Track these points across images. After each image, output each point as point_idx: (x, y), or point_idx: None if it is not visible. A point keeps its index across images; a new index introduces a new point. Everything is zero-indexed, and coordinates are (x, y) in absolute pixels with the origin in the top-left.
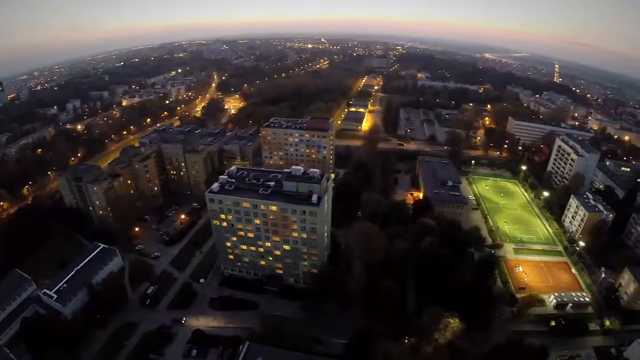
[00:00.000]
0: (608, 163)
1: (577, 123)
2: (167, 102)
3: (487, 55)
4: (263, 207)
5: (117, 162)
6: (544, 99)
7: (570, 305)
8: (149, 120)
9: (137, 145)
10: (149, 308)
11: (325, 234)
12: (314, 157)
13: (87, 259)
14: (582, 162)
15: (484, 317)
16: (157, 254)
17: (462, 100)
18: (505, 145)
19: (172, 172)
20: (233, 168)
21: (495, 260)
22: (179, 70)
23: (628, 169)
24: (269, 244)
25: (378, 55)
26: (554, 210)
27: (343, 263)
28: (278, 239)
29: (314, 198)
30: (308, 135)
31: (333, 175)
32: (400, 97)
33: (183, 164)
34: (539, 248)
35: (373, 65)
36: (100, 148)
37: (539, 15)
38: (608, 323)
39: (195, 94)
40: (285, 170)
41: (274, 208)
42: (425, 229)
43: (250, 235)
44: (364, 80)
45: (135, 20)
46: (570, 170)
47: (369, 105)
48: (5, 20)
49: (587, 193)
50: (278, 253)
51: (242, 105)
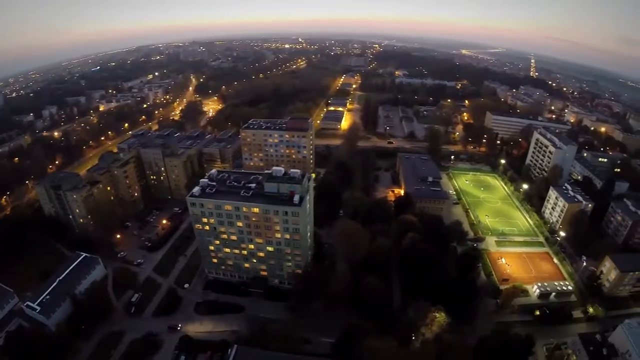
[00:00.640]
0: (585, 154)
1: (554, 116)
2: (144, 106)
3: (463, 52)
4: (245, 209)
5: (95, 168)
6: (521, 93)
7: (554, 295)
8: (127, 125)
9: (115, 151)
10: (135, 316)
11: (308, 234)
12: (294, 157)
13: (69, 269)
14: (560, 154)
15: (469, 309)
16: (140, 261)
17: (440, 97)
18: (484, 140)
19: (152, 177)
20: (213, 171)
21: (478, 254)
22: (156, 74)
23: (605, 160)
24: (253, 246)
25: (355, 54)
26: (534, 202)
27: (327, 262)
28: (261, 241)
29: (296, 198)
30: (288, 136)
31: (314, 175)
32: (379, 95)
33: (163, 169)
34: (521, 240)
35: (351, 64)
36: (78, 155)
37: (515, 12)
38: (592, 310)
39: (173, 97)
40: (266, 172)
41: (256, 210)
42: (408, 225)
43: (233, 238)
44: (342, 79)
45: (111, 23)
46: (549, 163)
47: (348, 104)
48: None
49: (565, 184)
50: (262, 255)
51: (220, 107)
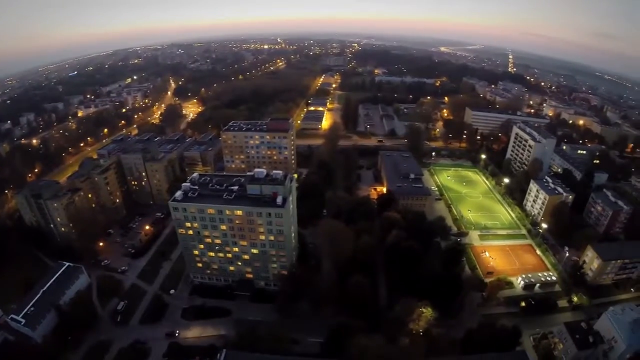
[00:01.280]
0: (565, 147)
1: (532, 110)
2: (123, 110)
3: (442, 49)
4: (228, 212)
5: (76, 175)
6: (500, 89)
7: (538, 285)
8: (106, 131)
9: (95, 157)
10: (121, 324)
11: (293, 235)
12: (276, 158)
13: (52, 279)
14: (539, 147)
15: (456, 303)
16: (124, 268)
17: (419, 94)
18: (464, 136)
19: (133, 182)
20: (195, 175)
21: (462, 248)
22: (135, 77)
23: (584, 152)
24: (237, 249)
25: (334, 53)
26: (515, 196)
27: (312, 262)
28: (245, 244)
29: (279, 200)
30: (269, 137)
31: (296, 176)
32: (359, 93)
33: (144, 174)
34: (504, 233)
35: (330, 64)
36: (58, 162)
37: (493, 9)
38: (576, 299)
39: (152, 101)
40: (248, 174)
41: (240, 212)
42: (391, 223)
43: (218, 242)
44: (322, 79)
45: (86, 27)
46: (529, 156)
47: (328, 104)
48: None
49: (546, 177)
50: (247, 257)
51: (200, 110)
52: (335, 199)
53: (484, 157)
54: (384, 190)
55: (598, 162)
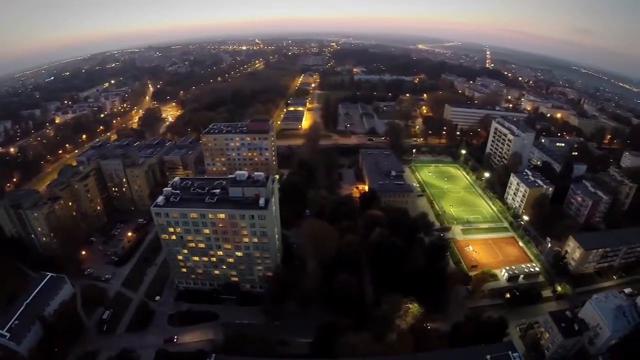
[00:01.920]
0: (543, 140)
1: (511, 105)
2: (101, 115)
3: (420, 46)
4: (211, 215)
5: (55, 183)
6: (478, 85)
7: (522, 277)
8: (85, 137)
9: (74, 164)
10: (107, 334)
11: (276, 236)
12: (257, 159)
13: (36, 291)
14: (518, 141)
15: (441, 298)
16: (108, 276)
17: (398, 92)
18: (444, 132)
19: (113, 188)
20: (176, 179)
21: (445, 243)
22: (112, 82)
23: (563, 144)
24: (221, 253)
25: (313, 53)
26: (496, 189)
27: (297, 263)
28: (229, 247)
29: (261, 201)
30: (249, 139)
31: (278, 177)
32: (338, 92)
33: (124, 179)
34: (486, 226)
35: (309, 63)
36: (37, 170)
37: (471, 6)
38: (560, 288)
39: (131, 105)
40: (230, 176)
41: (222, 216)
42: (374, 220)
43: (201, 246)
44: (301, 79)
45: (62, 31)
46: (508, 150)
47: (307, 104)
48: None
49: (526, 170)
50: (231, 260)
51: (179, 113)
52: (318, 199)
53: (464, 152)
54: (366, 189)
55: (576, 154)
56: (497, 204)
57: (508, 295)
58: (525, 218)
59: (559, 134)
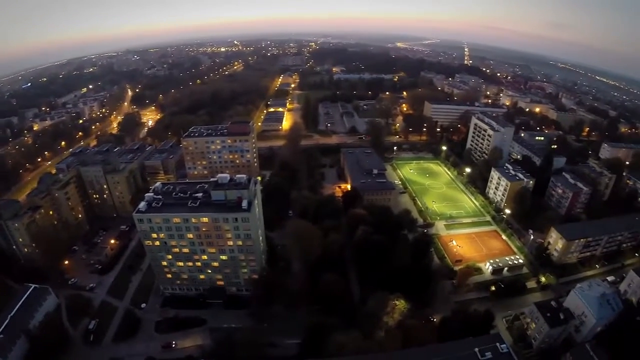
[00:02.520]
0: (523, 134)
1: (490, 101)
2: (80, 121)
3: (399, 45)
4: (194, 220)
5: (35, 192)
6: (457, 81)
7: (506, 269)
8: (64, 144)
9: (54, 172)
10: (94, 344)
11: (260, 238)
12: (239, 162)
13: (19, 303)
14: (498, 136)
15: (427, 293)
16: (92, 285)
17: (378, 90)
18: (424, 129)
19: (94, 195)
20: (158, 184)
21: (429, 239)
22: (90, 87)
23: (542, 138)
24: (206, 257)
25: (292, 53)
26: (478, 184)
27: (282, 264)
28: (214, 251)
29: (244, 204)
30: (230, 141)
31: (260, 178)
32: (318, 92)
33: (105, 186)
34: (469, 221)
35: (288, 64)
36: (16, 179)
37: (447, 4)
38: (544, 279)
39: (110, 110)
40: (212, 180)
41: (206, 219)
42: (358, 219)
43: (186, 251)
44: (280, 80)
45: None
46: (489, 145)
47: (288, 104)
48: None
49: (506, 164)
50: (216, 264)
51: (159, 117)
52: (301, 199)
53: (445, 148)
54: (349, 187)
55: (556, 147)
56: (479, 199)
57: (493, 288)
58: (507, 211)
59: (538, 128)
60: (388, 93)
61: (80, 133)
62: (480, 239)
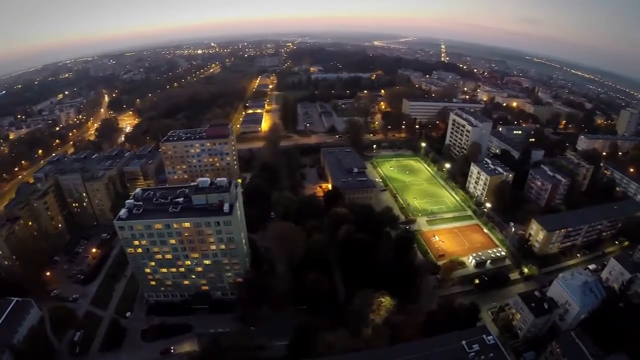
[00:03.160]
0: (501, 129)
1: (467, 97)
2: (57, 129)
3: (376, 43)
4: (176, 225)
5: (13, 203)
6: (434, 78)
7: (489, 262)
8: (41, 152)
9: (32, 182)
10: (80, 356)
11: (243, 241)
12: (218, 165)
13: (2, 318)
14: (476, 131)
15: (412, 289)
16: (75, 296)
17: (356, 89)
18: (403, 126)
19: (74, 204)
20: (138, 190)
21: (412, 235)
22: (66, 93)
23: (520, 132)
24: (189, 262)
25: (269, 54)
26: (458, 179)
27: (266, 266)
28: (197, 255)
29: (226, 207)
30: (209, 144)
31: (240, 181)
32: (296, 92)
33: (84, 194)
34: (450, 216)
35: (265, 65)
36: None
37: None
38: (527, 270)
39: (87, 116)
40: (192, 184)
41: (188, 224)
42: (340, 218)
43: (168, 257)
44: (258, 81)
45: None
46: (467, 141)
47: (266, 105)
48: None
49: (485, 159)
50: (200, 269)
51: (137, 122)
52: (282, 200)
53: (424, 145)
54: (330, 187)
55: (534, 140)
56: (459, 194)
57: (477, 281)
58: (488, 205)
59: (516, 122)
60: (366, 92)
61: (57, 140)
62: (462, 233)
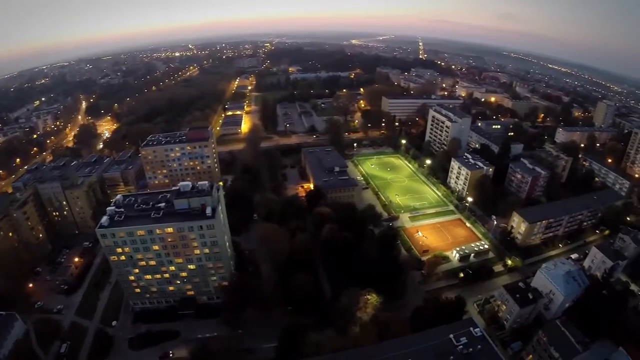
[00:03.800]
0: (480, 124)
1: (446, 93)
2: (34, 136)
3: (354, 42)
4: (159, 231)
5: None
6: (413, 76)
7: (473, 255)
8: (19, 161)
9: (10, 192)
10: None
11: (227, 244)
12: (199, 168)
13: None
14: (456, 127)
15: (398, 285)
16: (59, 307)
17: (335, 88)
18: (383, 124)
19: (54, 213)
20: (119, 196)
21: (395, 232)
22: (43, 99)
23: (499, 126)
24: (174, 268)
25: (248, 55)
26: (439, 175)
27: (251, 268)
28: (181, 261)
29: (208, 211)
30: (189, 148)
31: (222, 184)
32: (275, 93)
33: (65, 202)
34: (432, 211)
35: (244, 66)
36: None
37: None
38: (510, 262)
39: (64, 123)
40: (174, 188)
41: (170, 230)
42: (323, 217)
43: (152, 263)
44: (237, 82)
45: None
46: (447, 136)
47: (245, 107)
48: None
49: (465, 154)
50: (184, 275)
51: (115, 127)
52: (265, 202)
53: (404, 142)
54: (312, 187)
55: (513, 134)
56: (441, 189)
57: (462, 275)
58: (470, 199)
59: (495, 117)
60: (345, 90)
61: (35, 148)
62: (445, 228)
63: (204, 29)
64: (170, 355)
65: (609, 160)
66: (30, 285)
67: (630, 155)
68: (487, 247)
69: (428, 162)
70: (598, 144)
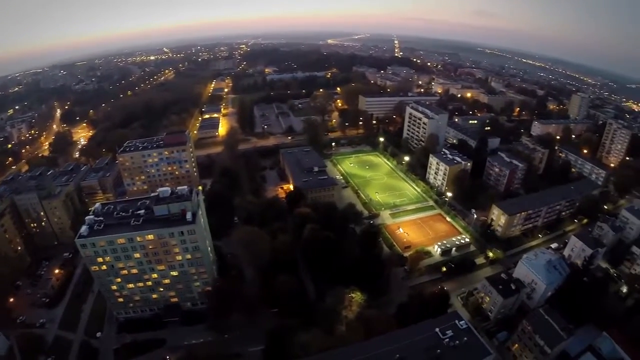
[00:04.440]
0: (457, 119)
1: (422, 90)
2: (9, 146)
3: (329, 41)
4: (139, 238)
5: None
6: (389, 74)
7: (455, 249)
8: None
9: None
10: None
11: (209, 249)
12: (178, 173)
13: None
14: (433, 123)
15: (381, 282)
16: (42, 321)
17: (312, 88)
18: (361, 122)
19: (32, 224)
20: (97, 205)
21: (376, 229)
22: (17, 107)
23: (475, 121)
24: (156, 275)
25: (223, 57)
26: (418, 171)
27: (234, 272)
28: (163, 268)
29: (189, 216)
30: (167, 152)
31: (201, 188)
32: (252, 95)
33: (42, 213)
34: (413, 207)
35: (220, 68)
36: None
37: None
38: (491, 254)
39: (39, 131)
40: (153, 195)
41: (151, 237)
42: (304, 218)
43: (134, 272)
44: (213, 85)
45: None
46: (425, 133)
47: (222, 109)
48: None
49: (443, 150)
50: (167, 281)
51: (91, 134)
52: (245, 204)
53: (382, 140)
54: (291, 188)
55: (489, 128)
56: (420, 185)
57: (444, 269)
58: (449, 194)
59: (471, 112)
60: (322, 90)
61: (10, 158)
62: (426, 224)
63: (178, 32)
64: (168, 358)
65: (585, 151)
66: (11, 300)
67: (606, 146)
68: (468, 240)
69: (407, 159)
70: (573, 136)
